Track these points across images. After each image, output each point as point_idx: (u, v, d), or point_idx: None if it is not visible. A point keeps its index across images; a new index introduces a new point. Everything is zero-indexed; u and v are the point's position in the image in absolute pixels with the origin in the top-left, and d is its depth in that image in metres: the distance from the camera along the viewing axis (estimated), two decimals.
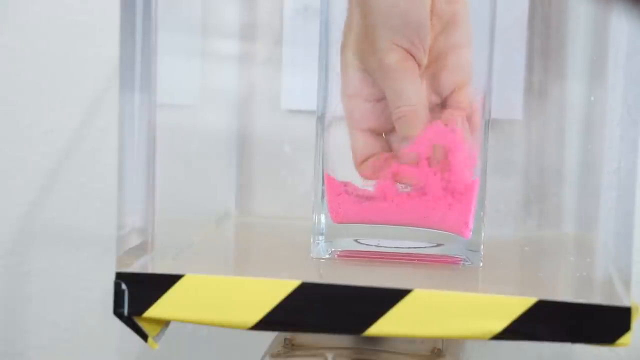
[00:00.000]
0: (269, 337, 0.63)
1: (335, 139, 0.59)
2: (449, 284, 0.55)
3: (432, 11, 0.57)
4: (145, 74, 0.57)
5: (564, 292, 0.57)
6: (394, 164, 0.58)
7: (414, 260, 0.59)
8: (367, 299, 0.52)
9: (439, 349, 0.61)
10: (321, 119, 0.60)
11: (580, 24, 0.72)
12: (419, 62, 0.57)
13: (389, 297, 0.52)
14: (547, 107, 0.73)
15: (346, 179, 0.59)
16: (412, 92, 0.57)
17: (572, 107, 0.73)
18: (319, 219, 0.60)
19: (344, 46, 0.58)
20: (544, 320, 0.51)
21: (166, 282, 0.54)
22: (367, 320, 0.52)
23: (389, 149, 0.59)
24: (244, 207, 0.77)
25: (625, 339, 0.51)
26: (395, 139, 0.59)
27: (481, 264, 0.59)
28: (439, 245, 0.59)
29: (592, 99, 0.71)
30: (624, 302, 0.51)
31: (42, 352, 0.81)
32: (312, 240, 0.60)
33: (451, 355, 0.61)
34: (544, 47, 0.72)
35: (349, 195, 0.59)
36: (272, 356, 0.60)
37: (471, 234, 0.59)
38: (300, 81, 0.75)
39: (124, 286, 0.54)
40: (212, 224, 0.72)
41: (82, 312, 0.81)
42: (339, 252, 0.60)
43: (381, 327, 0.52)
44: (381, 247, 0.59)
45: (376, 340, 0.61)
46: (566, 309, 0.51)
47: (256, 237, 0.73)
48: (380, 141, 0.59)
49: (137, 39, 0.56)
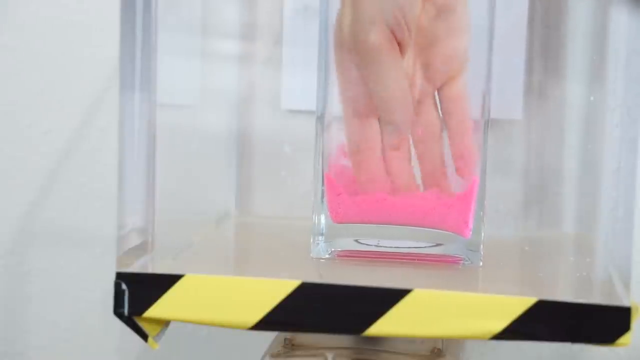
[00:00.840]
0: (269, 337, 0.63)
1: (334, 138, 0.59)
2: (449, 284, 0.55)
3: None
4: (145, 73, 0.57)
5: (564, 292, 0.57)
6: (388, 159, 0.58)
7: (414, 260, 0.59)
8: (367, 299, 0.52)
9: (439, 349, 0.61)
10: (321, 118, 0.60)
11: (580, 24, 0.72)
12: (401, 44, 0.56)
13: (389, 297, 0.52)
14: (547, 107, 0.73)
15: (345, 178, 0.59)
16: (392, 75, 0.56)
17: (572, 107, 0.73)
18: (319, 219, 0.60)
19: (336, 25, 0.57)
20: (544, 320, 0.51)
21: (166, 282, 0.54)
22: (367, 320, 0.52)
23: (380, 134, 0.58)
24: (244, 207, 0.77)
25: (625, 339, 0.51)
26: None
27: (481, 264, 0.59)
28: (438, 245, 0.59)
29: (592, 99, 0.71)
30: (624, 302, 0.51)
31: (42, 352, 0.81)
32: (312, 240, 0.60)
33: (451, 355, 0.61)
34: (543, 47, 0.72)
35: (348, 195, 0.59)
36: (272, 356, 0.60)
37: (471, 233, 0.59)
38: (300, 81, 0.75)
39: (124, 286, 0.54)
40: (212, 224, 0.72)
41: (82, 312, 0.81)
42: (338, 252, 0.60)
43: (381, 327, 0.52)
44: (381, 247, 0.59)
45: (376, 340, 0.61)
46: (566, 309, 0.51)
47: (256, 237, 0.73)
48: (372, 127, 0.58)
49: (137, 39, 0.56)
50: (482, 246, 0.59)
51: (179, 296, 0.54)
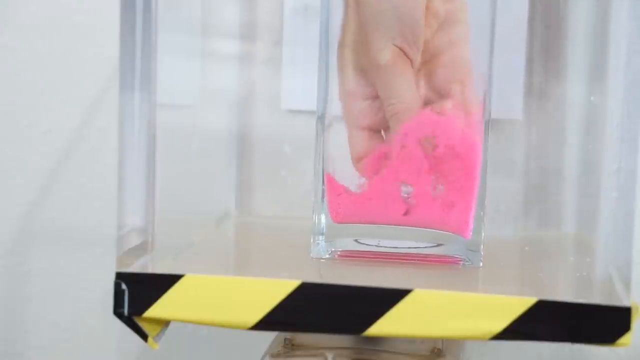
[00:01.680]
0: (269, 337, 0.63)
1: (335, 139, 0.59)
2: (449, 284, 0.55)
3: (428, 9, 0.57)
4: (145, 74, 0.56)
5: (564, 292, 0.57)
6: (390, 161, 0.58)
7: (414, 260, 0.59)
8: (367, 299, 0.52)
9: (439, 349, 0.61)
10: (321, 119, 0.60)
11: (580, 24, 0.72)
12: (412, 60, 0.57)
13: (389, 297, 0.52)
14: (547, 107, 0.73)
15: (346, 179, 0.59)
16: (405, 89, 0.57)
17: (572, 108, 0.73)
18: (319, 219, 0.60)
19: (341, 44, 0.58)
20: (544, 320, 0.51)
21: (166, 282, 0.54)
22: (367, 320, 0.52)
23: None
24: (244, 207, 0.77)
25: (625, 339, 0.51)
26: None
27: (481, 264, 0.59)
28: (439, 245, 0.59)
29: (592, 99, 0.71)
30: (624, 302, 0.51)
31: (42, 352, 0.81)
32: (312, 240, 0.60)
33: (451, 355, 0.61)
34: (543, 47, 0.72)
35: (349, 195, 0.59)
36: (272, 356, 0.60)
37: (471, 234, 0.59)
38: (300, 81, 0.75)
39: (124, 286, 0.54)
40: (212, 224, 0.72)
41: (82, 312, 0.81)
42: (339, 252, 0.60)
43: (381, 327, 0.52)
44: (381, 247, 0.59)
45: (376, 340, 0.61)
46: (566, 309, 0.51)
47: (256, 237, 0.73)
48: (377, 139, 0.59)
49: (137, 39, 0.56)
50: (482, 246, 0.59)
51: (179, 296, 0.54)
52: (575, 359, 0.76)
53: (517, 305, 0.51)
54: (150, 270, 0.56)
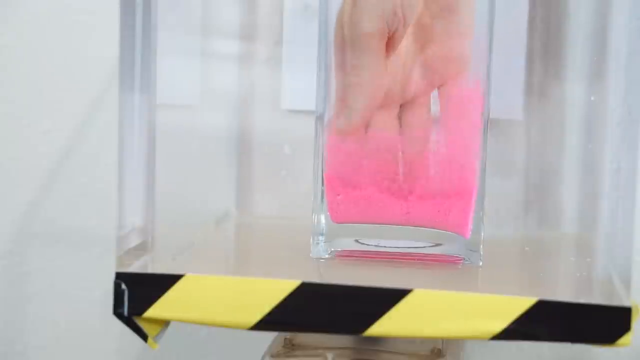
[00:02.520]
0: (269, 337, 0.63)
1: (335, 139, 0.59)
2: (449, 284, 0.55)
3: None
4: (145, 74, 0.57)
5: (564, 292, 0.57)
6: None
7: (414, 260, 0.59)
8: (367, 299, 0.52)
9: (439, 349, 0.61)
10: (320, 118, 0.60)
11: (580, 24, 0.72)
12: (395, 37, 0.56)
13: (389, 297, 0.52)
14: (547, 107, 0.73)
15: (346, 178, 0.59)
16: (368, 66, 0.56)
17: (572, 107, 0.73)
18: (319, 219, 0.60)
19: (337, 18, 0.57)
20: (544, 320, 0.51)
21: (166, 282, 0.54)
22: (367, 320, 0.52)
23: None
24: (244, 207, 0.77)
25: (625, 339, 0.51)
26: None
27: (481, 264, 0.59)
28: (438, 245, 0.59)
29: (592, 99, 0.71)
30: (624, 302, 0.51)
31: (42, 352, 0.81)
32: (312, 240, 0.60)
33: (451, 355, 0.61)
34: (544, 47, 0.72)
35: (348, 195, 0.59)
36: (272, 356, 0.60)
37: (471, 233, 0.59)
38: (300, 81, 0.75)
39: (123, 286, 0.54)
40: (212, 224, 0.72)
41: (82, 312, 0.81)
42: (339, 252, 0.60)
43: (381, 327, 0.52)
44: (381, 247, 0.59)
45: (376, 340, 0.61)
46: (566, 309, 0.51)
47: (256, 237, 0.73)
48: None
49: (137, 39, 0.56)
50: (482, 246, 0.59)
51: (179, 296, 0.54)
52: (575, 359, 0.76)
53: (517, 305, 0.51)
54: (150, 270, 0.56)
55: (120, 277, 0.54)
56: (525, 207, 0.74)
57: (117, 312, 0.54)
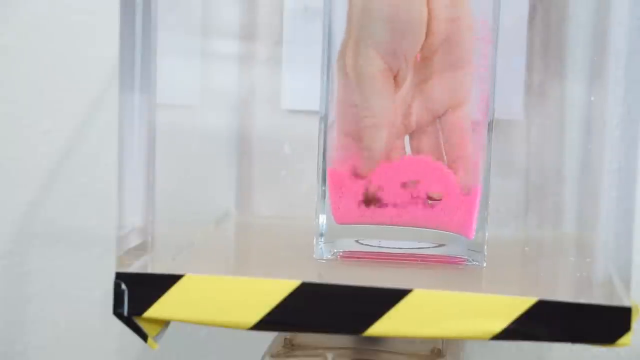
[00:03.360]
0: (269, 337, 0.63)
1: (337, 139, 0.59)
2: (449, 284, 0.55)
3: (429, 28, 0.56)
4: (145, 74, 0.57)
5: (564, 292, 0.57)
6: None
7: (417, 260, 0.59)
8: (367, 299, 0.52)
9: (439, 349, 0.61)
10: (324, 119, 0.60)
11: (580, 24, 0.72)
12: (399, 76, 0.57)
13: (389, 297, 0.52)
14: (548, 107, 0.73)
15: (348, 179, 0.59)
16: (380, 105, 0.57)
17: (572, 107, 0.73)
18: (322, 220, 0.60)
19: (341, 52, 0.58)
20: (544, 320, 0.51)
21: (166, 282, 0.54)
22: (367, 320, 0.52)
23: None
24: (244, 207, 0.77)
25: (625, 339, 0.51)
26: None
27: (485, 264, 0.59)
28: (441, 245, 0.59)
29: (592, 99, 0.71)
30: (624, 302, 0.51)
31: (42, 352, 0.81)
32: (314, 241, 0.60)
33: (451, 355, 0.61)
34: (544, 47, 0.72)
35: (351, 196, 0.59)
36: (272, 356, 0.60)
37: (475, 234, 0.59)
38: (300, 81, 0.75)
39: (123, 286, 0.54)
40: (212, 224, 0.72)
41: (82, 312, 0.81)
42: (341, 253, 0.60)
43: (381, 327, 0.52)
44: (384, 247, 0.59)
45: (376, 340, 0.61)
46: (566, 309, 0.51)
47: (256, 237, 0.73)
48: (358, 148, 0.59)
49: (137, 39, 0.56)
50: (486, 246, 0.59)
51: (179, 296, 0.54)
52: (575, 359, 0.76)
53: (517, 305, 0.51)
54: (150, 270, 0.56)
55: (120, 277, 0.54)
56: (525, 207, 0.74)
57: (117, 312, 0.54)
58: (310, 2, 0.74)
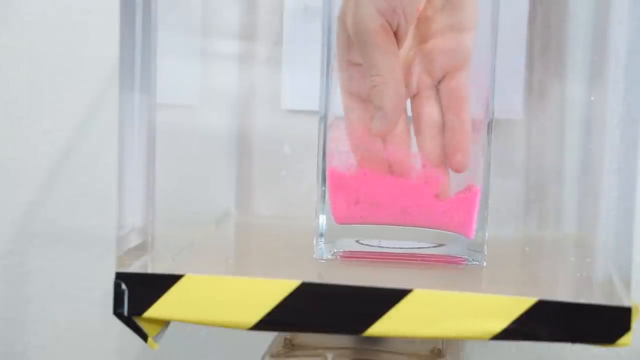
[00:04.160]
0: (269, 337, 0.63)
1: (337, 139, 0.59)
2: (449, 284, 0.55)
3: None
4: (145, 74, 0.57)
5: (564, 292, 0.57)
6: (385, 151, 0.58)
7: (417, 260, 0.59)
8: (367, 299, 0.52)
9: (439, 349, 0.61)
10: (323, 119, 0.60)
11: (580, 24, 0.72)
12: (399, 33, 0.56)
13: (389, 297, 0.52)
14: (547, 107, 0.73)
15: (348, 179, 0.59)
16: (385, 62, 0.56)
17: (572, 107, 0.73)
18: (321, 220, 0.60)
19: (339, 16, 0.57)
20: (544, 320, 0.51)
21: (166, 282, 0.54)
22: (367, 320, 0.52)
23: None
24: (244, 207, 0.77)
25: (625, 339, 0.51)
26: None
27: (485, 264, 0.59)
28: (440, 245, 0.59)
29: (592, 99, 0.71)
30: (624, 302, 0.51)
31: (42, 352, 0.81)
32: (314, 241, 0.60)
33: (451, 355, 0.61)
34: (544, 46, 0.72)
35: (351, 195, 0.59)
36: (272, 356, 0.60)
37: (475, 233, 0.59)
38: (300, 81, 0.75)
39: (123, 286, 0.54)
40: (212, 224, 0.72)
41: (82, 312, 0.81)
42: (341, 253, 0.60)
43: (381, 327, 0.52)
44: (384, 247, 0.59)
45: (376, 340, 0.61)
46: (566, 309, 0.51)
47: (256, 237, 0.73)
48: (369, 111, 0.58)
49: (137, 39, 0.56)
50: (486, 246, 0.59)
51: (179, 296, 0.54)
52: (575, 359, 0.76)
53: (517, 305, 0.51)
54: (150, 270, 0.56)
55: (120, 277, 0.54)
56: (525, 207, 0.74)
57: (117, 312, 0.54)
58: (310, 1, 0.74)
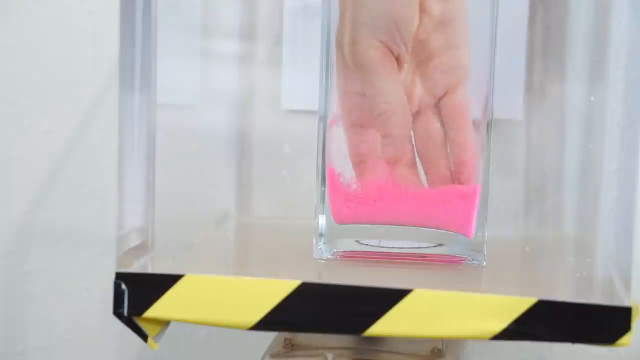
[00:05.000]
0: (269, 337, 0.63)
1: (337, 139, 0.59)
2: (449, 284, 0.55)
3: (422, 9, 0.56)
4: (145, 74, 0.57)
5: (564, 292, 0.57)
6: (388, 167, 0.58)
7: (417, 260, 0.59)
8: (367, 299, 0.52)
9: (439, 349, 0.61)
10: (323, 119, 0.60)
11: (580, 24, 0.72)
12: (399, 59, 0.57)
13: (389, 297, 0.52)
14: (547, 107, 0.73)
15: (348, 179, 0.59)
16: (390, 89, 0.57)
17: (572, 107, 0.73)
18: (321, 220, 0.60)
19: (338, 42, 0.58)
20: (544, 320, 0.51)
21: (166, 282, 0.54)
22: (367, 320, 0.52)
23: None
24: (244, 207, 0.77)
25: (625, 339, 0.51)
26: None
27: (485, 263, 0.59)
28: (440, 245, 0.59)
29: (592, 99, 0.71)
30: (624, 302, 0.51)
31: (42, 352, 0.81)
32: (314, 241, 0.60)
33: (451, 355, 0.61)
34: (544, 47, 0.72)
35: (350, 195, 0.59)
36: (272, 356, 0.60)
37: (474, 233, 0.59)
38: (300, 81, 0.75)
39: (123, 286, 0.54)
40: (212, 224, 0.72)
41: (82, 312, 0.81)
42: (341, 253, 0.60)
43: (381, 327, 0.52)
44: (384, 247, 0.59)
45: (376, 340, 0.61)
46: (566, 309, 0.51)
47: (256, 237, 0.73)
48: (372, 138, 0.59)
49: (137, 39, 0.56)
50: (486, 246, 0.59)
51: (179, 296, 0.54)
52: (575, 359, 0.76)
53: (517, 305, 0.51)
54: (150, 270, 0.56)
55: (120, 277, 0.54)
56: (525, 207, 0.74)
57: (117, 312, 0.54)
58: (310, 1, 0.74)
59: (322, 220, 0.60)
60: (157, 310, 0.54)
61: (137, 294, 0.54)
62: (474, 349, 0.76)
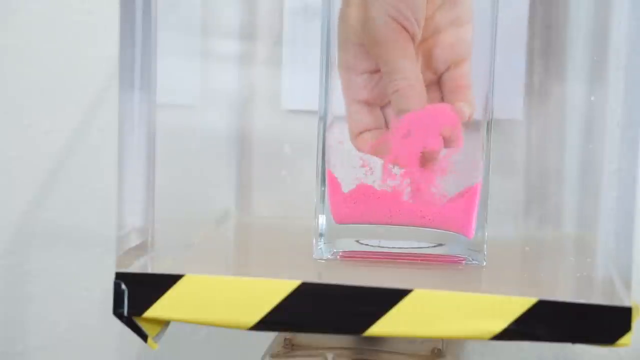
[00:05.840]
0: (269, 337, 0.63)
1: (337, 140, 0.59)
2: (449, 284, 0.55)
3: None
4: (145, 73, 0.57)
5: (564, 292, 0.57)
6: (389, 139, 0.58)
7: (417, 260, 0.59)
8: (367, 299, 0.52)
9: (439, 349, 0.61)
10: (323, 119, 0.60)
11: (580, 24, 0.72)
12: (412, 36, 0.57)
13: (389, 297, 0.52)
14: (548, 107, 0.73)
15: (347, 179, 0.59)
16: (408, 66, 0.57)
17: (572, 107, 0.73)
18: (321, 220, 0.60)
19: (342, 19, 0.58)
20: (544, 320, 0.51)
21: (166, 282, 0.54)
22: (367, 320, 0.52)
23: (385, 122, 0.59)
24: (244, 207, 0.77)
25: (625, 339, 0.51)
26: (390, 113, 0.59)
27: (485, 263, 0.59)
28: (440, 245, 0.59)
29: (593, 99, 0.71)
30: (625, 302, 0.51)
31: (42, 352, 0.81)
32: (314, 241, 0.60)
33: (451, 355, 0.61)
34: (544, 47, 0.72)
35: (350, 195, 0.59)
36: (272, 356, 0.60)
37: (474, 233, 0.59)
38: (300, 81, 0.75)
39: (123, 286, 0.54)
40: (212, 224, 0.72)
41: (82, 312, 0.81)
42: (341, 253, 0.60)
43: (381, 327, 0.52)
44: (384, 247, 0.59)
45: (376, 340, 0.61)
46: (566, 309, 0.51)
47: (256, 237, 0.73)
48: (375, 114, 0.59)
49: (137, 39, 0.56)
50: (486, 246, 0.59)
51: (179, 296, 0.54)
52: (575, 359, 0.76)
53: (518, 305, 0.51)
54: (150, 270, 0.56)
55: (120, 277, 0.54)
56: (525, 207, 0.74)
57: (117, 312, 0.54)
58: (310, 1, 0.74)
59: (322, 220, 0.60)
60: (157, 310, 0.54)
61: (137, 294, 0.54)
62: (474, 349, 0.76)
